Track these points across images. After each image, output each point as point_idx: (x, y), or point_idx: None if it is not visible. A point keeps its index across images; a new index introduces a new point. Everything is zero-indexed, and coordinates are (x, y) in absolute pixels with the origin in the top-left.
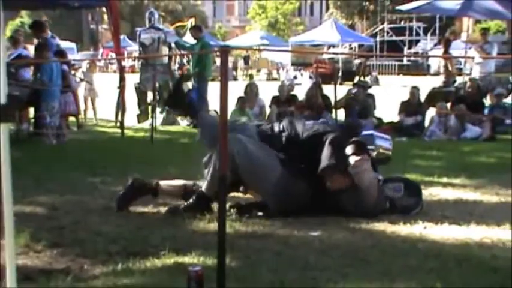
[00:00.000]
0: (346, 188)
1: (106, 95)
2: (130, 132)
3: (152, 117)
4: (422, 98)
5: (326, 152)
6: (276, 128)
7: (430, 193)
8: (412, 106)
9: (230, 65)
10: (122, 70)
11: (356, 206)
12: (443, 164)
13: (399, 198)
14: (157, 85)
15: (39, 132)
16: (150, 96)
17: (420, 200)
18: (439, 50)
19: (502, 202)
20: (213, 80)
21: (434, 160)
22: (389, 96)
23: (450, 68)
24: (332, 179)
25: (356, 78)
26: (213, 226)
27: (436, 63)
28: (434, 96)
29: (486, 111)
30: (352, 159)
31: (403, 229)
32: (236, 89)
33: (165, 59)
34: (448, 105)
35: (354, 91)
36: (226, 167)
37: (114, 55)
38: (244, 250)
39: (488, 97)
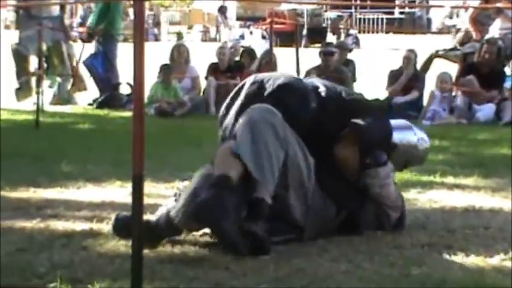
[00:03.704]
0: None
1: None
2: (6, 114)
3: (37, 93)
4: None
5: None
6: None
7: (430, 199)
8: (406, 77)
9: (149, 19)
10: None
11: (381, 224)
12: (449, 157)
13: None
14: (44, 47)
15: None
16: (33, 62)
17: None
18: None
19: None
20: (125, 40)
21: (437, 152)
22: (374, 63)
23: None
24: (348, 141)
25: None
26: (125, 248)
27: (439, 16)
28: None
29: (509, 83)
30: (381, 169)
31: (390, 248)
32: (158, 53)
33: (56, 10)
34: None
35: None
36: (143, 167)
37: None
38: (169, 280)
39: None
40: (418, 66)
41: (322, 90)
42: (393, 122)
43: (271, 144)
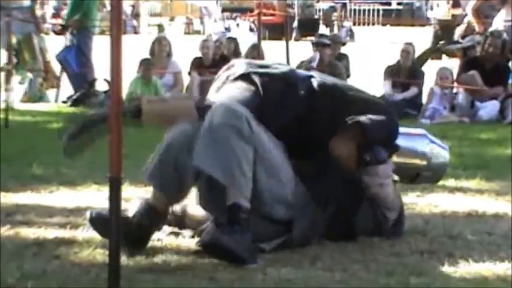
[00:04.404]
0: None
1: None
2: None
3: (7, 89)
4: None
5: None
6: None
7: (430, 203)
8: (404, 72)
9: (128, 10)
10: None
11: (378, 226)
12: (450, 159)
13: None
14: (14, 40)
15: None
16: (2, 57)
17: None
18: None
19: None
20: (101, 33)
21: None
22: (370, 57)
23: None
24: (346, 138)
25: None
26: (102, 256)
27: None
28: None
29: None
30: (381, 168)
31: (388, 255)
32: (138, 47)
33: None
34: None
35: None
36: (120, 168)
37: None
38: None
39: None
40: None
41: (315, 79)
42: (407, 129)
43: (237, 146)
